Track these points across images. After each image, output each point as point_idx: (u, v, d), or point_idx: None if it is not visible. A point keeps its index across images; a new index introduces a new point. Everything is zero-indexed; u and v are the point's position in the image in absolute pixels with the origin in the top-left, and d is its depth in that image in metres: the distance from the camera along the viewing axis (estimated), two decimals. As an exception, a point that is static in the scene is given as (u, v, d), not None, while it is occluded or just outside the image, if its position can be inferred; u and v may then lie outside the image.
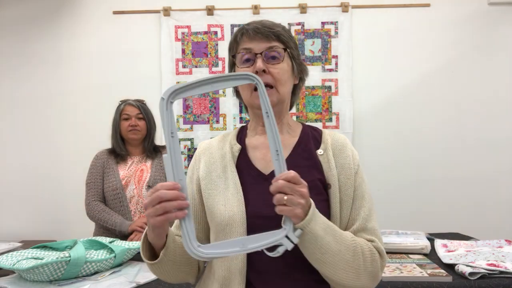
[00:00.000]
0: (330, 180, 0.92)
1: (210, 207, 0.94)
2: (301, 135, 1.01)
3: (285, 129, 1.01)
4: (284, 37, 0.96)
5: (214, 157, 1.00)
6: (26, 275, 1.36)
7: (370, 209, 0.93)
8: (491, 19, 2.83)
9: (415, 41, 2.85)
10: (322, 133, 1.02)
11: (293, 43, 0.99)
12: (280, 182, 0.74)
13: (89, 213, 2.10)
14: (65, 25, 2.88)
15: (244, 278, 0.88)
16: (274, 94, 0.94)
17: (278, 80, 0.94)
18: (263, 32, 0.94)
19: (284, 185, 0.73)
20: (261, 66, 0.92)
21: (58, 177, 2.86)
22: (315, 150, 0.97)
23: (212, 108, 2.87)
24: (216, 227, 0.92)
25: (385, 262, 0.90)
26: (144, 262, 0.89)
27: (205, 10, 2.86)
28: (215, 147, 1.03)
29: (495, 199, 2.81)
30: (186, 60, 2.87)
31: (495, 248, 1.64)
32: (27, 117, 2.89)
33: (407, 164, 2.81)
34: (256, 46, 0.94)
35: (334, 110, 2.85)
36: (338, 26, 2.86)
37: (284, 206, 0.74)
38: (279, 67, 0.94)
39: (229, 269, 0.89)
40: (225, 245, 0.78)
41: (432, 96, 2.84)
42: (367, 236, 0.90)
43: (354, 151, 0.99)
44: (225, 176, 0.95)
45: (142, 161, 2.20)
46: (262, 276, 0.88)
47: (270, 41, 0.94)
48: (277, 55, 0.94)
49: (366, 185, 0.96)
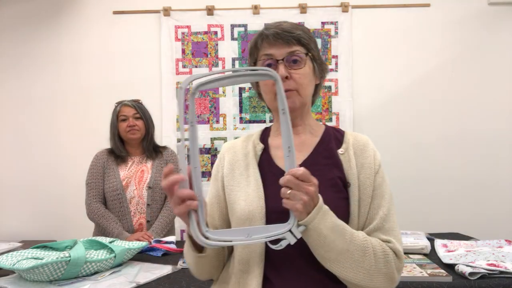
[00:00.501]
0: (350, 179, 0.93)
1: (231, 202, 0.96)
2: (323, 135, 1.03)
3: (308, 129, 1.03)
4: (305, 40, 0.96)
5: (238, 155, 1.03)
6: (26, 275, 1.36)
7: (389, 209, 0.93)
8: (491, 19, 2.84)
9: (415, 41, 2.85)
10: (345, 134, 1.04)
11: (314, 44, 0.99)
12: (287, 177, 0.76)
13: (89, 214, 2.10)
14: (65, 25, 2.88)
15: (262, 272, 0.89)
16: (296, 97, 0.95)
17: (300, 84, 0.95)
18: (283, 37, 0.94)
19: (290, 180, 0.76)
20: (284, 73, 0.93)
21: (58, 177, 2.86)
22: (337, 150, 0.99)
23: (212, 108, 2.87)
24: (236, 222, 0.94)
25: (402, 263, 0.90)
26: (144, 262, 0.89)
27: (205, 10, 2.86)
28: (239, 147, 1.06)
29: (495, 199, 2.81)
30: (186, 60, 2.87)
31: (495, 248, 1.64)
32: (27, 117, 2.89)
33: (407, 164, 2.81)
34: (277, 52, 0.95)
35: (334, 110, 2.85)
36: (338, 26, 2.86)
37: (287, 200, 0.77)
38: (301, 72, 0.95)
39: (247, 262, 0.91)
40: (231, 233, 0.81)
41: (432, 96, 2.85)
42: (384, 236, 0.90)
43: (376, 152, 1.00)
44: (247, 173, 0.98)
45: (143, 162, 2.20)
46: (279, 271, 0.90)
47: (291, 45, 0.95)
48: (298, 59, 0.95)
49: (387, 185, 0.97)
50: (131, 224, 2.09)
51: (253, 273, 0.90)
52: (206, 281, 1.37)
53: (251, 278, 0.90)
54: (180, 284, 1.36)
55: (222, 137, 2.87)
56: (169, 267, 1.51)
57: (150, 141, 2.22)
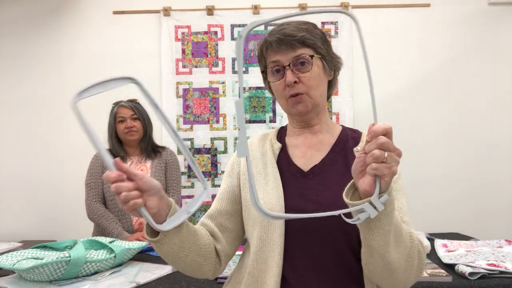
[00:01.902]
0: None
1: (248, 201, 0.95)
2: (340, 135, 1.02)
3: (325, 128, 1.02)
4: (310, 40, 0.93)
5: (255, 154, 1.02)
6: (26, 275, 1.36)
7: (405, 204, 0.93)
8: (491, 19, 2.84)
9: (415, 41, 2.85)
10: (362, 134, 1.03)
11: (321, 41, 0.96)
12: (382, 138, 0.67)
13: (89, 215, 2.10)
14: (65, 25, 2.88)
15: (280, 271, 0.88)
16: (308, 100, 0.95)
17: (309, 86, 0.94)
18: (286, 42, 0.93)
19: (386, 142, 0.67)
20: (291, 79, 0.92)
21: (58, 177, 2.86)
22: (353, 149, 0.98)
23: (212, 108, 2.87)
24: (253, 221, 0.93)
25: (425, 254, 0.89)
26: (144, 262, 0.89)
27: (205, 10, 2.86)
28: (256, 145, 1.05)
29: (495, 199, 2.81)
30: (186, 60, 2.87)
31: (495, 248, 1.64)
32: (27, 117, 2.89)
33: (406, 164, 2.77)
34: (283, 58, 0.94)
35: (334, 110, 2.85)
36: (338, 26, 2.86)
37: (381, 164, 0.67)
38: (308, 74, 0.94)
39: (265, 261, 0.89)
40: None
41: (432, 96, 2.85)
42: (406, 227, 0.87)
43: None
44: (266, 172, 0.97)
45: (142, 162, 2.20)
46: (298, 271, 0.88)
47: (295, 49, 0.93)
48: (306, 61, 0.94)
49: (403, 182, 0.97)
50: (131, 224, 2.09)
51: (271, 272, 0.88)
52: (207, 281, 1.37)
53: (269, 278, 0.88)
54: (180, 284, 1.36)
55: (222, 137, 2.87)
56: (169, 267, 1.51)
57: (148, 142, 2.22)
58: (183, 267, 0.89)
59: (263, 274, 0.89)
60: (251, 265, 0.92)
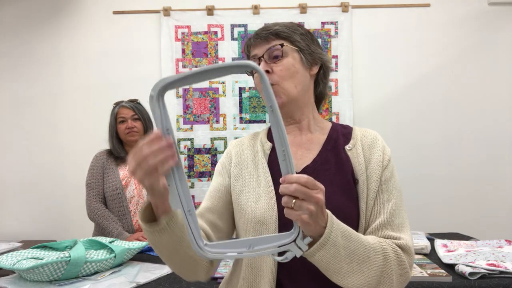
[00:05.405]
0: (358, 175, 0.91)
1: (240, 204, 0.93)
2: (331, 132, 1.01)
3: (313, 125, 1.01)
4: (284, 33, 0.95)
5: (245, 154, 1.01)
6: (26, 275, 1.36)
7: (398, 205, 0.90)
8: (491, 19, 2.83)
9: (415, 41, 2.85)
10: (353, 130, 1.02)
11: (301, 36, 0.97)
12: (294, 186, 0.66)
13: (89, 214, 2.10)
14: (65, 25, 2.88)
15: (275, 276, 0.87)
16: (280, 91, 0.94)
17: (281, 76, 0.94)
18: (261, 35, 0.96)
19: (298, 189, 0.66)
20: (263, 68, 0.92)
21: (58, 177, 2.86)
22: (344, 146, 0.97)
23: (212, 108, 2.87)
24: (246, 225, 0.91)
25: (413, 258, 0.86)
26: (144, 262, 0.88)
27: (205, 10, 2.86)
28: (246, 145, 1.03)
29: (495, 199, 2.81)
30: (186, 60, 2.87)
31: (495, 248, 1.64)
32: (27, 117, 2.89)
33: (406, 164, 2.80)
34: (259, 50, 0.96)
35: (334, 110, 2.85)
36: (338, 26, 2.86)
37: (290, 210, 0.68)
38: (281, 63, 0.94)
39: (259, 266, 0.88)
40: (232, 244, 0.72)
41: (432, 96, 2.85)
42: (393, 233, 0.86)
43: (386, 147, 0.98)
44: (257, 173, 0.96)
45: (142, 162, 2.19)
46: (293, 275, 0.87)
47: (269, 41, 0.95)
48: (278, 53, 0.95)
49: (396, 181, 0.94)
50: (131, 224, 2.09)
51: (266, 277, 0.87)
52: (207, 281, 1.37)
53: (264, 283, 0.87)
54: (180, 284, 1.36)
55: (222, 137, 2.87)
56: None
57: None
58: (179, 263, 0.83)
59: (258, 279, 0.88)
60: (245, 270, 0.90)
